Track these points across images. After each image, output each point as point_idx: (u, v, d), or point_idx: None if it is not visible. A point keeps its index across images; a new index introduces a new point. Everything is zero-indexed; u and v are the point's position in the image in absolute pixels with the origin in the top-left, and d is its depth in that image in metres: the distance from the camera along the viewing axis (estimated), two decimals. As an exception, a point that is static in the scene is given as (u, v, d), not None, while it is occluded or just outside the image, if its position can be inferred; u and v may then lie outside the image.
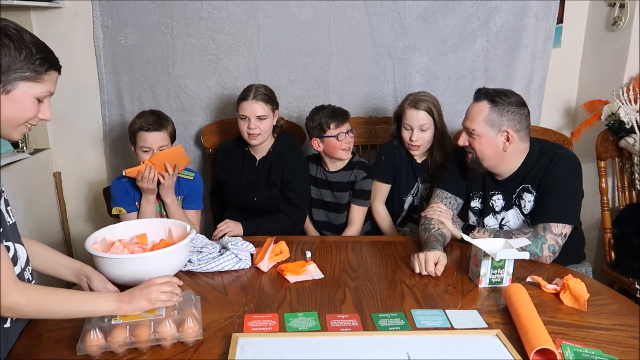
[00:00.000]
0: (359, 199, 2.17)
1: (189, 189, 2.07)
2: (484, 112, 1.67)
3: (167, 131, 1.99)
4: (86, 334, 1.12)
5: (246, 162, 2.17)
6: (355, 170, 2.15)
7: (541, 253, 1.62)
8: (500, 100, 1.66)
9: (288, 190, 2.12)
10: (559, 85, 2.58)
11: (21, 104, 1.10)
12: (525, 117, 1.69)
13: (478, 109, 1.69)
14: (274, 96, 2.13)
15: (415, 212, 2.20)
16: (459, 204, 1.87)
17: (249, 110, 2.05)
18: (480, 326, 1.28)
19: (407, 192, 2.20)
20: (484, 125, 1.67)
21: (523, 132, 1.69)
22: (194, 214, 2.08)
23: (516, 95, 1.70)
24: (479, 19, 2.43)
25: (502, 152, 1.69)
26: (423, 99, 2.07)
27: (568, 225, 1.65)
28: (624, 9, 2.26)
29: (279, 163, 2.13)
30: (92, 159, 2.65)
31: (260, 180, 2.14)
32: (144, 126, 1.95)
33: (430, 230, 1.73)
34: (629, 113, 2.15)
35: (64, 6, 2.41)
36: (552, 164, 1.68)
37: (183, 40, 2.44)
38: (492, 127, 1.67)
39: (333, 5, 2.40)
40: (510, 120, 1.66)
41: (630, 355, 1.16)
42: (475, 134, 1.70)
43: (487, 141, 1.69)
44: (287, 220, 2.11)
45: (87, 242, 1.47)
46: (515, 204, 1.77)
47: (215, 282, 1.52)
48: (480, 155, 1.72)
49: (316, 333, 1.24)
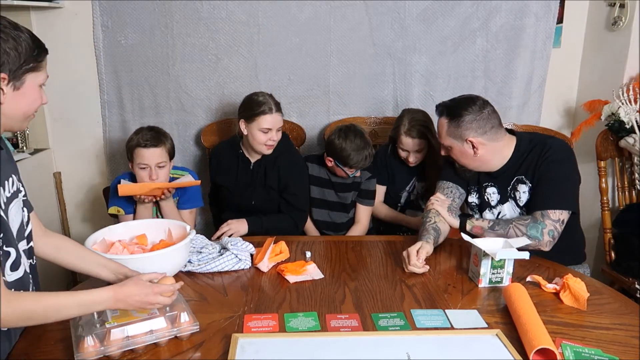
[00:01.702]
0: (365, 199, 2.21)
1: (183, 189, 2.06)
2: (444, 127, 1.74)
3: (165, 147, 1.96)
4: (81, 340, 1.10)
5: (241, 164, 2.16)
6: (361, 171, 2.16)
7: (542, 237, 1.62)
8: (456, 113, 1.70)
9: (287, 194, 2.12)
10: (559, 85, 2.58)
11: (31, 96, 1.14)
12: (487, 119, 1.69)
13: (440, 125, 1.77)
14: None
15: (412, 206, 2.29)
16: (461, 194, 1.87)
17: (272, 122, 2.03)
18: (480, 326, 1.28)
19: (403, 188, 2.26)
20: (449, 139, 1.74)
21: (490, 132, 1.70)
22: (189, 214, 2.09)
23: (473, 100, 1.72)
24: (479, 19, 2.43)
25: (476, 157, 1.73)
26: (416, 125, 2.11)
27: (565, 211, 1.66)
28: (624, 9, 2.26)
29: (274, 165, 2.12)
30: (92, 159, 2.65)
31: (257, 182, 2.14)
32: (140, 142, 1.91)
33: (425, 223, 1.75)
34: (629, 113, 2.15)
35: (64, 6, 2.41)
36: (544, 152, 1.69)
37: (183, 40, 2.44)
38: (456, 139, 1.72)
39: (333, 5, 2.40)
40: (469, 129, 1.69)
41: (630, 354, 1.16)
42: (448, 147, 1.77)
43: (458, 151, 1.75)
44: (290, 221, 2.12)
45: (87, 243, 1.47)
46: (510, 196, 1.78)
47: (215, 282, 1.52)
48: (460, 163, 1.79)
49: (316, 333, 1.24)
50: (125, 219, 2.00)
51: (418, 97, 2.52)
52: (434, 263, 1.64)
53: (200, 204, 2.14)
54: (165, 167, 1.95)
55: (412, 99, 2.52)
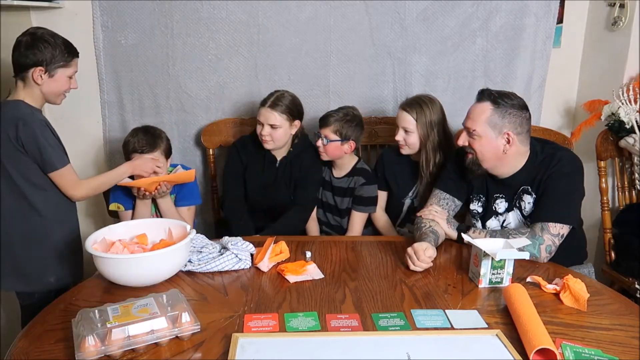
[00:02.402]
0: (359, 205, 2.19)
1: (180, 186, 2.10)
2: (486, 113, 1.66)
3: (160, 149, 2.02)
4: (82, 340, 1.10)
5: (266, 163, 2.19)
6: (356, 177, 2.17)
7: (539, 254, 1.62)
8: (503, 102, 1.66)
9: (300, 189, 2.16)
10: (559, 85, 2.58)
11: (60, 82, 1.79)
12: (526, 121, 1.69)
13: (480, 110, 1.68)
14: (295, 107, 2.14)
15: (414, 214, 2.17)
16: (456, 205, 1.87)
17: (263, 116, 2.08)
18: (480, 326, 1.28)
19: (405, 194, 2.20)
20: (485, 126, 1.67)
21: (524, 135, 1.69)
22: (187, 211, 2.12)
23: (518, 98, 1.70)
24: (479, 19, 2.43)
25: (502, 154, 1.69)
26: (414, 103, 2.06)
27: (566, 225, 1.65)
28: (624, 9, 2.26)
29: (297, 162, 2.18)
30: (92, 159, 2.65)
31: (282, 181, 2.18)
32: (137, 148, 1.99)
33: (422, 228, 1.74)
34: (629, 113, 2.15)
35: (64, 6, 2.41)
36: (552, 165, 1.68)
37: (183, 40, 2.43)
38: (494, 129, 1.67)
39: (333, 5, 2.40)
40: (511, 123, 1.66)
41: (630, 355, 1.17)
42: (476, 135, 1.69)
43: (487, 142, 1.68)
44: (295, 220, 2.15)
45: (87, 242, 1.47)
46: (515, 205, 1.77)
47: (215, 282, 1.52)
48: (480, 156, 1.72)
49: (316, 333, 1.24)
50: (125, 216, 2.05)
51: (417, 96, 2.52)
52: (434, 263, 1.64)
53: (198, 201, 2.16)
54: (162, 169, 2.01)
55: (412, 99, 2.52)
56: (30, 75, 1.72)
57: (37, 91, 1.75)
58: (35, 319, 1.30)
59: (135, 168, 1.94)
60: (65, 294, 1.45)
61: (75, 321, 1.19)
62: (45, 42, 1.72)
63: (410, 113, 2.04)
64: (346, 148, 2.12)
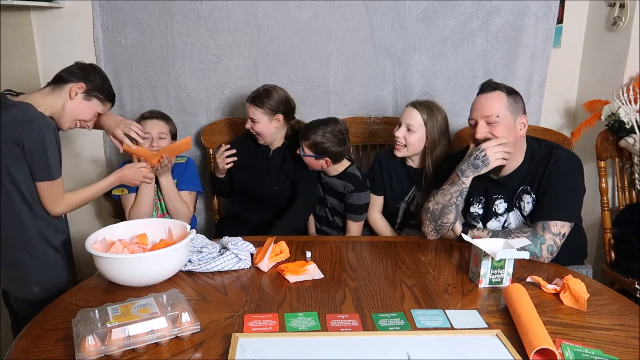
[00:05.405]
0: (351, 213, 2.15)
1: (182, 170, 2.19)
2: (503, 99, 1.70)
3: (167, 123, 2.14)
4: (82, 340, 1.10)
5: (260, 152, 2.25)
6: (345, 183, 2.13)
7: (540, 254, 1.62)
8: (513, 91, 1.73)
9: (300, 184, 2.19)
10: (559, 85, 2.59)
11: (87, 110, 1.78)
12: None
13: (497, 97, 1.70)
14: (276, 102, 2.13)
15: (412, 218, 2.16)
16: None
17: (246, 111, 2.17)
18: (480, 326, 1.28)
19: (401, 199, 2.15)
20: (505, 111, 1.69)
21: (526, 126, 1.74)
22: (188, 195, 2.19)
23: None
24: (479, 19, 2.43)
25: (519, 139, 1.72)
26: (426, 105, 2.04)
27: (567, 223, 1.65)
28: (624, 9, 2.26)
29: (289, 153, 2.21)
30: (92, 159, 2.65)
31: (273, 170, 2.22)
32: (145, 115, 2.12)
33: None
34: (629, 113, 2.15)
35: (64, 6, 2.41)
36: (552, 164, 1.69)
37: (183, 40, 2.44)
38: (512, 113, 1.70)
39: (333, 5, 2.40)
40: (522, 108, 1.73)
41: (630, 355, 1.17)
42: (499, 120, 1.68)
43: (507, 127, 1.69)
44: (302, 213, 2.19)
45: (87, 242, 1.47)
46: (515, 205, 1.77)
47: (215, 282, 1.52)
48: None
49: (316, 333, 1.24)
50: (129, 199, 2.12)
51: (418, 97, 2.51)
52: (435, 263, 1.65)
53: (198, 188, 2.24)
54: (165, 140, 2.12)
55: (412, 99, 2.50)
56: (68, 87, 1.71)
57: (60, 104, 1.71)
58: (35, 319, 1.30)
59: (125, 178, 1.88)
60: (65, 294, 1.44)
61: (75, 321, 1.19)
62: (102, 74, 1.80)
63: (421, 112, 2.01)
64: (322, 163, 2.09)
